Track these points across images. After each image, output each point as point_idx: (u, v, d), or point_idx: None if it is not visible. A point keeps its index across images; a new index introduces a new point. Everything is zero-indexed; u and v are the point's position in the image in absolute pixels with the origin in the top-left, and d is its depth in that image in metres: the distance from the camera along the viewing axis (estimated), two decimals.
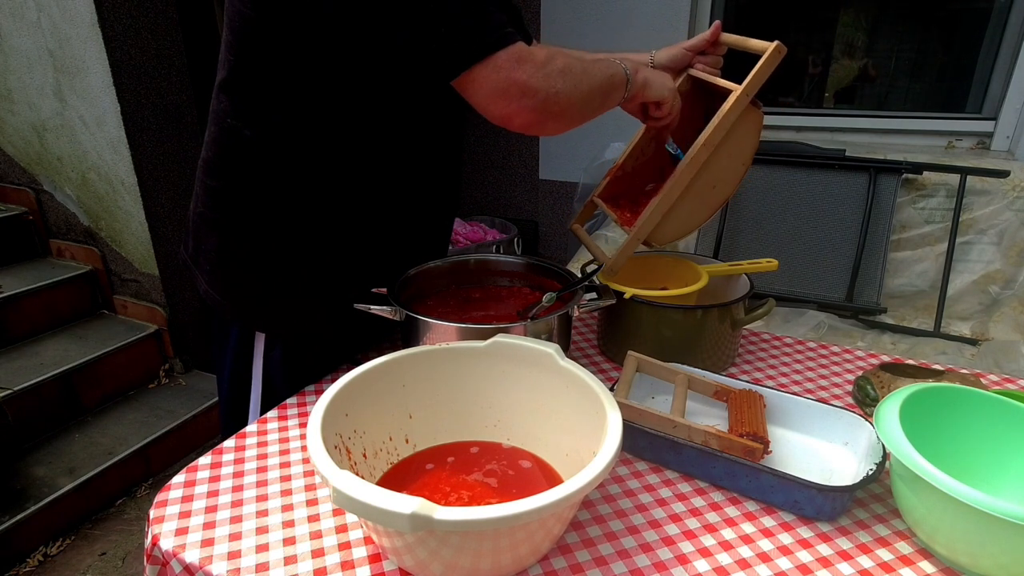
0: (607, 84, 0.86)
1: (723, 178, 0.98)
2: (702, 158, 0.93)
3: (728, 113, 0.91)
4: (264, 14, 0.80)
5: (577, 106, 0.82)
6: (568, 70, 0.80)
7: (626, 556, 0.66)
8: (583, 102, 0.83)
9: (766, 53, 0.91)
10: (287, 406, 0.92)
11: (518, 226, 2.95)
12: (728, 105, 0.91)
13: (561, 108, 0.80)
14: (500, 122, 0.80)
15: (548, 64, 0.78)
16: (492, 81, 0.77)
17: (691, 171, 0.94)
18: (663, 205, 0.96)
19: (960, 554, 0.63)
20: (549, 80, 0.78)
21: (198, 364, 2.54)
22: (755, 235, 2.14)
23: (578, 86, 0.81)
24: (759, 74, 0.91)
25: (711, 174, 0.96)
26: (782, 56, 0.91)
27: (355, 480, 0.54)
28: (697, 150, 0.93)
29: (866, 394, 0.91)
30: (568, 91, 0.80)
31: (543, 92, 0.78)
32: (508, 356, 0.79)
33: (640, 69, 0.93)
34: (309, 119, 0.86)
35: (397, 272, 0.99)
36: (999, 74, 2.21)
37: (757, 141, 0.98)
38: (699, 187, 0.96)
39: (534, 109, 0.79)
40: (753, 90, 0.91)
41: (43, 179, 2.45)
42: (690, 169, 0.94)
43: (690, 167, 0.94)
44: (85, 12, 2.03)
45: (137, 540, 1.92)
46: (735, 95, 0.91)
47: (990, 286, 2.03)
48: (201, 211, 0.97)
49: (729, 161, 0.96)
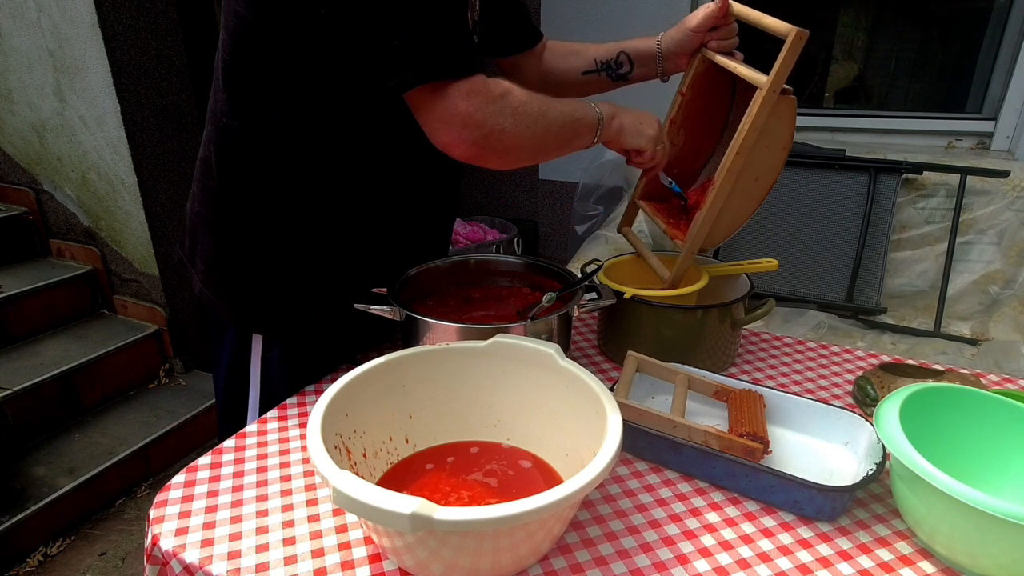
0: (568, 129, 0.85)
1: (765, 168, 0.94)
2: (738, 166, 0.90)
3: (758, 115, 0.87)
4: (260, 15, 0.80)
5: (526, 147, 0.81)
6: (522, 110, 0.79)
7: (626, 556, 0.66)
8: (534, 144, 0.82)
9: (787, 41, 0.83)
10: (287, 406, 0.92)
11: (518, 226, 2.95)
12: (756, 106, 0.87)
13: (505, 146, 0.79)
14: (442, 148, 0.79)
15: (500, 100, 0.77)
16: (438, 107, 0.76)
17: (730, 179, 0.91)
18: (709, 217, 0.94)
19: (960, 554, 0.63)
20: (497, 117, 0.77)
21: (198, 364, 2.54)
22: (755, 235, 2.14)
23: (530, 127, 0.79)
24: (784, 66, 0.84)
25: (752, 170, 0.92)
26: (804, 42, 0.84)
27: (355, 480, 0.54)
28: (732, 158, 0.90)
29: (866, 394, 0.91)
30: (516, 131, 0.78)
31: (486, 127, 0.77)
32: (508, 356, 0.79)
33: (618, 115, 0.90)
34: (306, 119, 0.86)
35: (397, 272, 0.99)
36: (999, 74, 2.21)
37: (793, 124, 0.92)
38: (742, 185, 0.94)
39: (474, 143, 0.78)
40: (779, 84, 0.86)
41: (43, 179, 2.46)
42: (729, 178, 0.91)
43: (728, 176, 0.91)
44: (85, 12, 2.03)
45: (137, 540, 1.92)
46: (762, 94, 0.86)
47: (990, 286, 2.03)
48: (198, 210, 0.97)
49: (767, 152, 0.92)
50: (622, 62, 1.07)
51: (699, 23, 0.99)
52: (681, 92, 1.05)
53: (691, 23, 1.00)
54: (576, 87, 1.13)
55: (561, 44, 1.14)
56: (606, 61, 1.09)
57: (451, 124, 0.77)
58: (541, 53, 1.14)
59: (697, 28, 1.00)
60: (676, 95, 1.06)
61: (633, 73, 1.08)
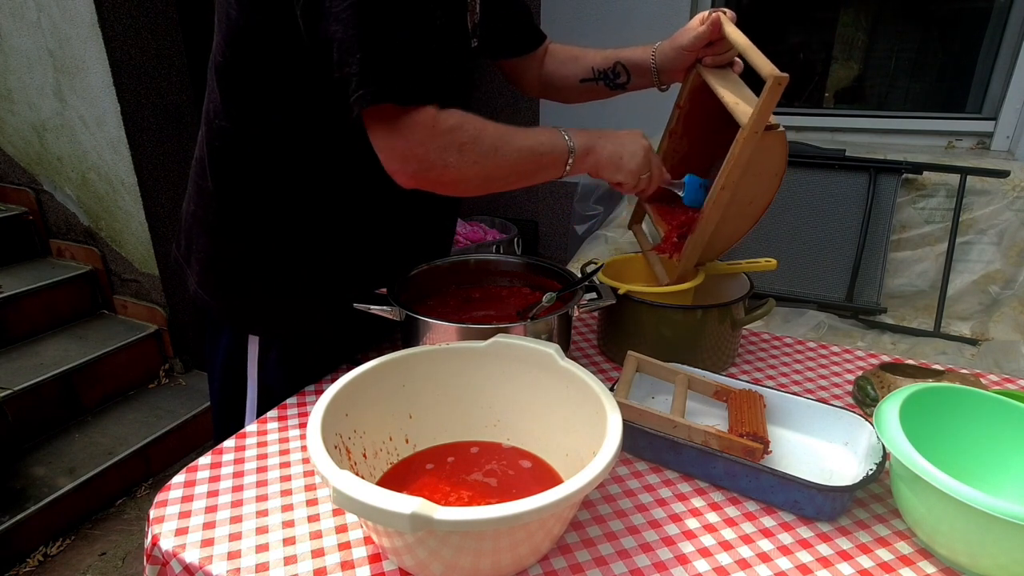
0: (528, 163, 0.84)
1: (758, 193, 0.95)
2: (725, 199, 0.90)
3: (740, 154, 0.86)
4: (251, 18, 0.79)
5: (475, 180, 0.81)
6: (470, 146, 0.78)
7: (626, 556, 0.66)
8: (483, 177, 0.81)
9: (766, 86, 0.82)
10: (287, 406, 0.92)
11: (518, 226, 2.95)
12: (738, 146, 0.86)
13: (450, 179, 0.79)
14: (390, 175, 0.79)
15: (447, 135, 0.76)
16: (383, 135, 0.76)
17: (717, 211, 0.92)
18: (699, 242, 0.96)
19: (960, 554, 0.63)
20: (440, 152, 0.76)
21: (198, 364, 2.54)
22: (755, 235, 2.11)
23: (478, 162, 0.79)
24: (763, 109, 0.83)
25: (744, 195, 0.93)
26: (783, 87, 0.82)
27: (355, 480, 0.54)
28: (718, 192, 0.90)
29: (866, 394, 0.91)
30: (462, 166, 0.78)
31: (427, 161, 0.77)
32: (508, 356, 0.79)
33: (595, 148, 0.88)
34: (299, 120, 0.86)
35: (397, 272, 0.98)
36: (999, 74, 2.21)
37: (784, 153, 0.91)
38: (735, 210, 0.94)
39: (414, 175, 0.78)
40: (760, 126, 0.85)
41: (43, 179, 2.46)
42: (716, 209, 0.92)
43: (715, 208, 0.91)
44: (85, 12, 2.03)
45: (137, 540, 1.92)
46: (743, 135, 0.85)
47: (990, 286, 2.03)
48: (193, 211, 0.97)
49: (758, 179, 0.92)
50: (619, 72, 1.07)
51: (690, 43, 0.97)
52: (678, 105, 1.05)
53: (682, 41, 0.98)
54: (576, 93, 1.13)
55: (562, 48, 1.13)
56: (603, 70, 1.08)
57: (393, 153, 0.77)
58: (543, 56, 1.13)
59: (689, 48, 0.98)
60: (674, 108, 1.06)
61: (631, 83, 1.08)
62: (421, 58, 0.75)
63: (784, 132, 0.89)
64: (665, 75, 1.04)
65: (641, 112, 1.53)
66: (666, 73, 1.04)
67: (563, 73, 1.12)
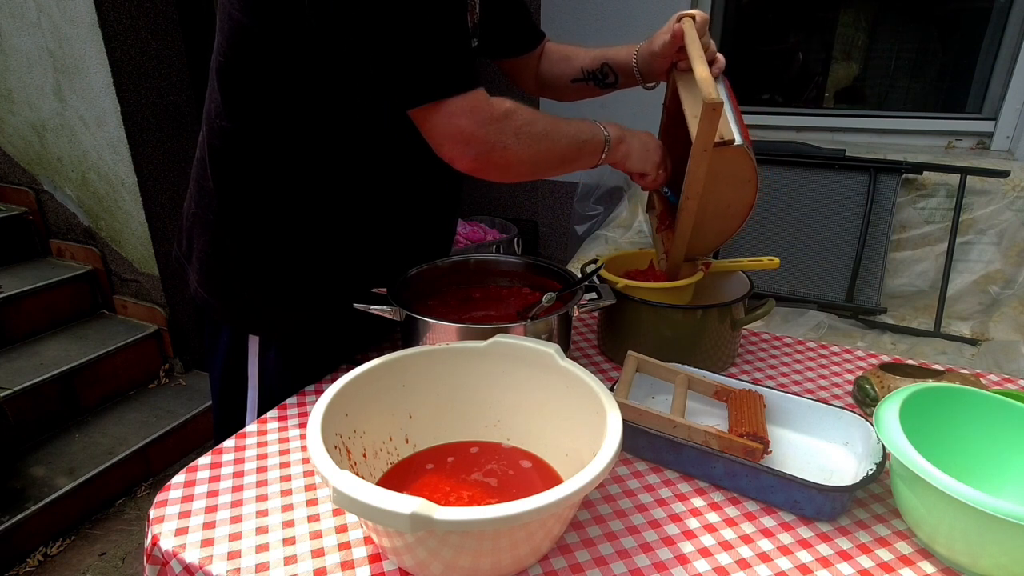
0: (572, 150, 0.87)
1: (733, 198, 0.95)
2: (693, 208, 0.92)
3: (696, 169, 0.86)
4: (254, 20, 0.79)
5: (527, 164, 0.83)
6: (525, 129, 0.81)
7: (626, 556, 0.66)
8: (535, 162, 0.84)
9: (700, 112, 0.80)
10: (287, 406, 0.92)
11: (518, 226, 2.95)
12: (692, 163, 0.86)
13: (507, 162, 0.81)
14: (447, 162, 0.82)
15: (504, 119, 0.79)
16: (440, 124, 0.78)
17: (689, 219, 0.94)
18: (680, 246, 0.98)
19: (960, 554, 0.63)
20: (499, 135, 0.79)
21: (198, 364, 2.54)
22: (755, 235, 2.14)
23: (532, 146, 0.82)
24: (699, 135, 0.82)
25: (717, 203, 0.94)
26: (719, 114, 0.81)
27: (355, 480, 0.54)
28: (685, 202, 0.92)
29: (866, 394, 0.91)
30: (518, 149, 0.81)
31: (488, 144, 0.79)
32: (508, 356, 0.79)
33: (626, 139, 0.92)
34: (301, 121, 0.86)
35: (398, 272, 0.98)
36: (999, 74, 2.21)
37: (748, 162, 0.90)
38: (711, 216, 0.95)
39: (476, 158, 0.80)
40: (705, 146, 0.83)
41: (43, 179, 2.46)
42: (688, 217, 0.93)
43: (687, 216, 0.93)
44: (85, 12, 2.03)
45: (137, 540, 1.92)
46: (693, 153, 0.85)
47: (990, 286, 2.03)
48: (194, 210, 0.97)
49: (728, 186, 0.92)
50: (606, 73, 1.09)
51: (661, 49, 0.97)
52: (664, 104, 1.07)
53: (655, 46, 0.99)
54: (569, 92, 1.15)
55: (556, 48, 1.15)
56: (592, 71, 1.10)
57: (454, 140, 0.79)
58: (540, 56, 1.14)
59: (661, 53, 0.98)
60: (662, 106, 1.08)
61: (619, 82, 1.09)
62: (463, 41, 0.78)
63: (741, 147, 0.86)
64: (648, 76, 1.06)
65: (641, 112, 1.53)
66: (648, 75, 1.05)
67: (555, 73, 1.14)
